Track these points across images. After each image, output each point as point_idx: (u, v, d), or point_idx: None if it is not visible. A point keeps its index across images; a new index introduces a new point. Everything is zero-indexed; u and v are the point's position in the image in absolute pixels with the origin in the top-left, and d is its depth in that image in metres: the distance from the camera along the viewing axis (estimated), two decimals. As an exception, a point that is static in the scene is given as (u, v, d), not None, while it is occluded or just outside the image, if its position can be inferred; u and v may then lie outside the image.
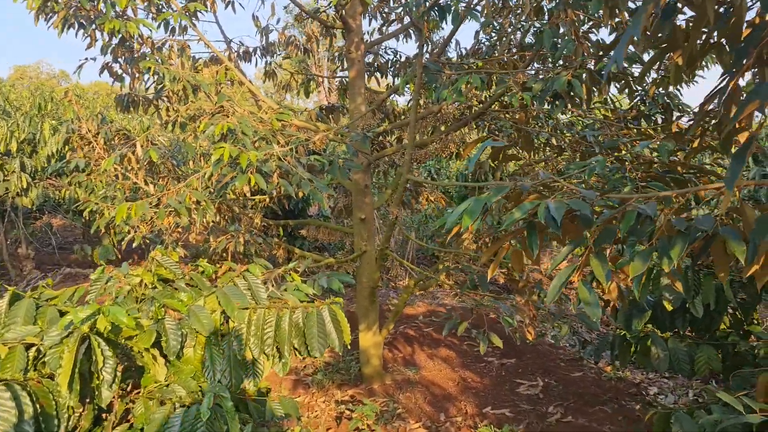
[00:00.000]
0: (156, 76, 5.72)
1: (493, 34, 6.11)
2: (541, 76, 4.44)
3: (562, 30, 4.39)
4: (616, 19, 4.26)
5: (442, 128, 6.82)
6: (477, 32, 6.94)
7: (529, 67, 5.19)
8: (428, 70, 5.04)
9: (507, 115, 5.92)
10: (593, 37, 4.99)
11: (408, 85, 5.88)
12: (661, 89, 5.31)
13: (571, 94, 4.18)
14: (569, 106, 4.22)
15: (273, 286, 4.20)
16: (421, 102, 8.01)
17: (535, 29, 5.86)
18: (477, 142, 3.28)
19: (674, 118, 5.51)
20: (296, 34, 8.56)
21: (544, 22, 5.58)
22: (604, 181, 3.91)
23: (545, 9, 5.50)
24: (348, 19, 6.88)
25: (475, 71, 4.57)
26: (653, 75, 4.41)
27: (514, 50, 5.66)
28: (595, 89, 4.23)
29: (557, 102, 4.19)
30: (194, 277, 4.04)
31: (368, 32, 8.81)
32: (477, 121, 6.25)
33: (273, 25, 8.29)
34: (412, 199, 8.62)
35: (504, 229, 2.89)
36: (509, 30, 5.95)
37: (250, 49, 8.79)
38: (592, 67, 4.15)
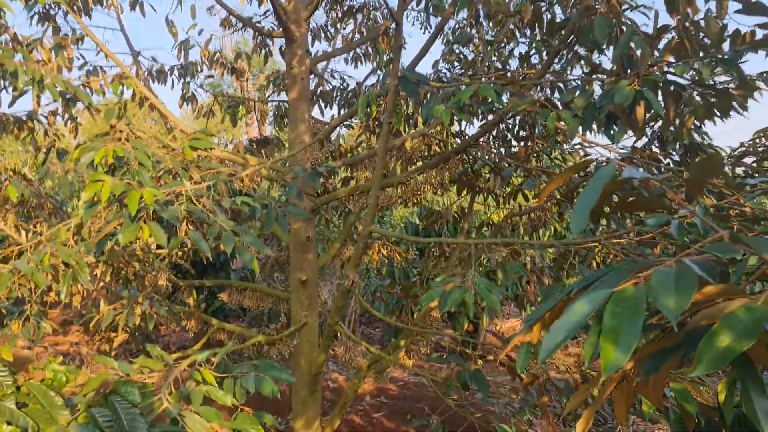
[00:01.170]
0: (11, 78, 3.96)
1: (479, 50, 4.75)
2: (576, 88, 3.04)
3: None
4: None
5: (410, 167, 5.35)
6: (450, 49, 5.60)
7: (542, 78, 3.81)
8: (407, 82, 3.57)
9: (501, 149, 4.53)
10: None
11: (369, 108, 4.41)
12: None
13: (631, 113, 2.78)
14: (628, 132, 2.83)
15: (172, 391, 2.59)
16: (379, 133, 6.56)
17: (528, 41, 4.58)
18: (558, 183, 1.79)
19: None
20: (225, 48, 6.97)
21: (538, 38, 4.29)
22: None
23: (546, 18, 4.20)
24: (290, 26, 5.38)
25: (480, 82, 3.12)
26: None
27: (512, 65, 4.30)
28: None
29: (615, 126, 2.80)
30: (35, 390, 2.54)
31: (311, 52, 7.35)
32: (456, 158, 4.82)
33: (194, 40, 6.69)
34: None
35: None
36: (501, 45, 4.62)
37: (166, 68, 7.13)
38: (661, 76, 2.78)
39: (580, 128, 2.84)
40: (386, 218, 13.20)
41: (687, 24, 2.79)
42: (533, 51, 4.36)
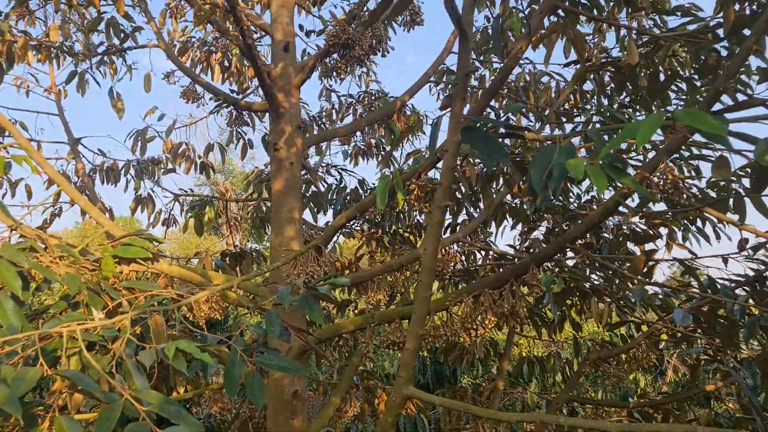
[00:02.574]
0: None
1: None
2: None
3: None
4: None
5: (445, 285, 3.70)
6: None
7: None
8: (479, 135, 2.01)
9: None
10: None
11: (392, 197, 2.87)
12: None
13: None
14: None
15: None
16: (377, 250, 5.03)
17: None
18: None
19: None
20: (191, 138, 5.48)
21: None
22: None
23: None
24: (277, 94, 3.93)
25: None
26: None
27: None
28: None
29: None
30: None
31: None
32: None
33: (153, 129, 5.24)
34: (365, 404, 5.19)
35: None
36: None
37: (120, 164, 5.62)
38: None
39: None
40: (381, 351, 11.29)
41: None
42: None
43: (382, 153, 5.24)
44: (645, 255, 2.80)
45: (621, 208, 3.31)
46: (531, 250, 4.28)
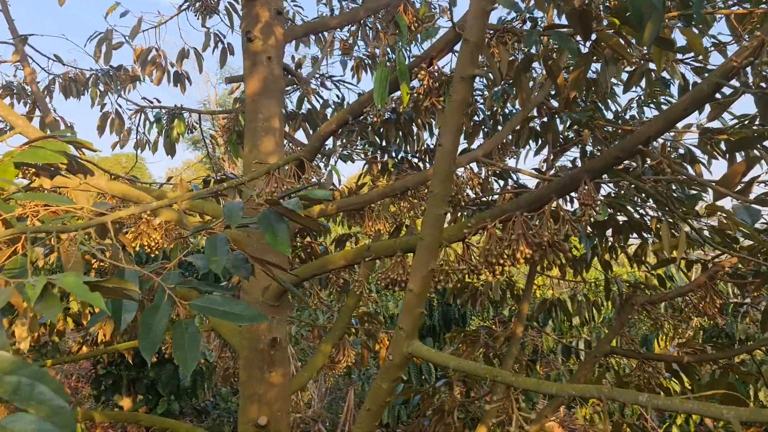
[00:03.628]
0: None
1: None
2: None
3: None
4: None
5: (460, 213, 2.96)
6: None
7: None
8: None
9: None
10: None
11: (393, 91, 2.09)
12: None
13: None
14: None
15: None
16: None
17: None
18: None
19: None
20: (162, 43, 4.63)
21: None
22: None
23: None
24: (249, -32, 3.08)
25: None
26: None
27: None
28: None
29: None
30: None
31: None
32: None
33: (118, 31, 4.38)
34: (364, 350, 4.54)
35: None
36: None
37: (86, 74, 4.80)
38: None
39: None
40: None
41: None
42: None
43: (388, 64, 4.40)
44: (741, 164, 2.03)
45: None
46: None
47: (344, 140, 4.83)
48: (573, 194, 3.34)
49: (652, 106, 4.43)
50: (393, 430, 8.32)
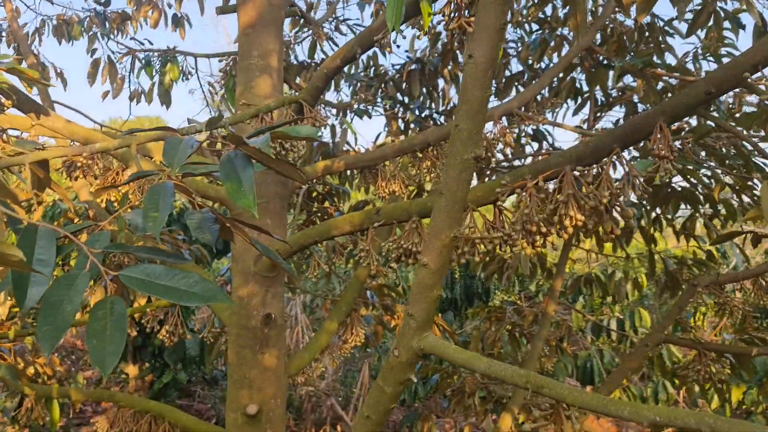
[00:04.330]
0: None
1: None
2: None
3: None
4: None
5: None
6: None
7: None
8: None
9: None
10: None
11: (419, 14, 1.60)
12: None
13: None
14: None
15: None
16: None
17: None
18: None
19: None
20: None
21: None
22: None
23: None
24: None
25: None
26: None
27: None
28: None
29: None
30: None
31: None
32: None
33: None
34: (377, 326, 4.10)
35: None
36: None
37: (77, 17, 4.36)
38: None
39: None
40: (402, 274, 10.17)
41: None
42: None
43: None
44: None
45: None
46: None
47: (362, 95, 4.34)
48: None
49: (710, 58, 3.85)
50: (409, 406, 7.96)
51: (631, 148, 2.74)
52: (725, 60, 3.89)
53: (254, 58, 2.61)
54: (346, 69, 4.38)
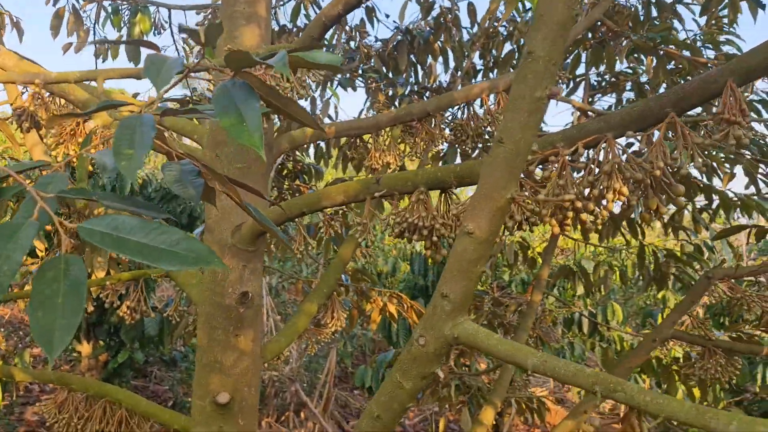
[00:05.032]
0: None
1: None
2: None
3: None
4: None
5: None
6: None
7: None
8: None
9: None
10: None
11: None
12: None
13: None
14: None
15: None
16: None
17: None
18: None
19: None
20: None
21: None
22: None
23: None
24: None
25: None
26: None
27: None
28: None
29: None
30: None
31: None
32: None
33: None
34: (354, 310, 3.86)
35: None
36: None
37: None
38: None
39: None
40: (375, 244, 9.97)
41: None
42: None
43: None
44: None
45: None
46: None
47: (345, 66, 4.06)
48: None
49: (709, 46, 3.69)
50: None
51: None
52: (725, 48, 3.75)
53: (240, 5, 2.31)
54: (327, 37, 4.10)
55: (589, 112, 2.66)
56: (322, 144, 3.95)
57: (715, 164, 3.13)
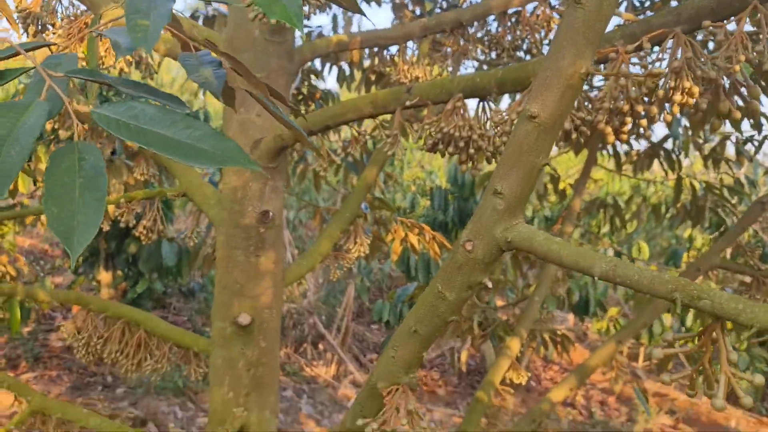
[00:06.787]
0: None
1: None
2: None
3: None
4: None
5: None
6: None
7: None
8: None
9: None
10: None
11: None
12: None
13: None
14: None
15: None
16: None
17: None
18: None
19: None
20: None
21: None
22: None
23: None
24: None
25: None
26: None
27: None
28: None
29: None
30: None
31: None
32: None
33: None
34: (375, 239, 3.75)
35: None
36: None
37: None
38: None
39: None
40: (396, 182, 9.76)
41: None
42: None
43: None
44: None
45: None
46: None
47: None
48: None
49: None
50: (394, 327, 7.77)
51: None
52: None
53: None
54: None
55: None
56: (345, 66, 3.75)
57: None
